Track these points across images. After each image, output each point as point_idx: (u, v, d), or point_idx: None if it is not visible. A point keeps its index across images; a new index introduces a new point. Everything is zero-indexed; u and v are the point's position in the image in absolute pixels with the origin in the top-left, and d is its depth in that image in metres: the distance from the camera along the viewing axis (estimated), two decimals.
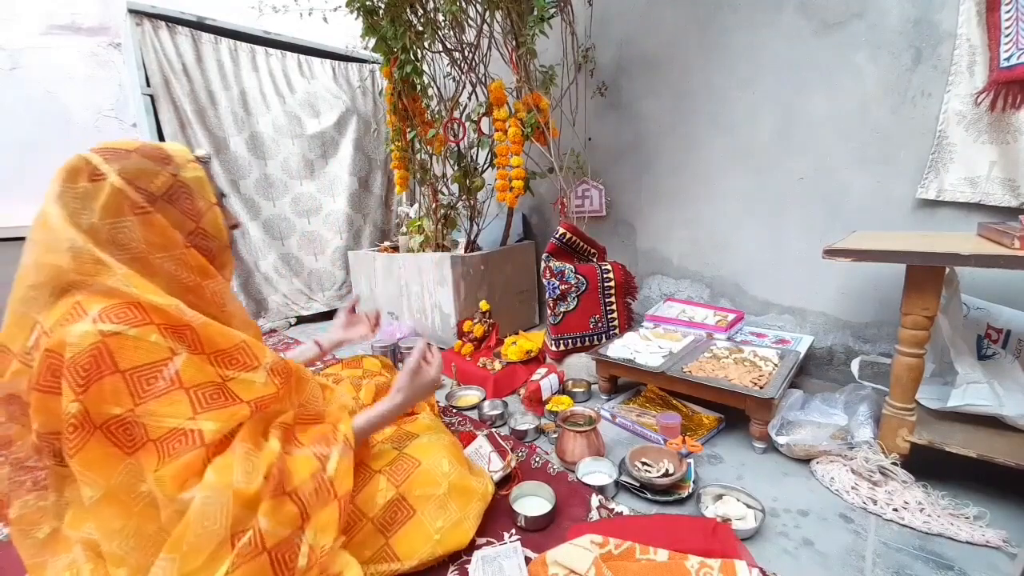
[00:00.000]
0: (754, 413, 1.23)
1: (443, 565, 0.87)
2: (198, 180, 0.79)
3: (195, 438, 0.67)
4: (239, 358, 0.77)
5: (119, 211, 0.70)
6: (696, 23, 1.77)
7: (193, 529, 0.63)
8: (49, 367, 0.63)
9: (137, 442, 0.65)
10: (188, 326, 0.72)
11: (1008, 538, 0.88)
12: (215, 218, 0.81)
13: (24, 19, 2.39)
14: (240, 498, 0.66)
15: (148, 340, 0.67)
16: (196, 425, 0.68)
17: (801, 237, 1.64)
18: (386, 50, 1.87)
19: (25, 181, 2.43)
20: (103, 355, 0.63)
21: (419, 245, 2.37)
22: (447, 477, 0.89)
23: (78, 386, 0.62)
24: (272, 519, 0.68)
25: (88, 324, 0.64)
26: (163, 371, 0.67)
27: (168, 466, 0.65)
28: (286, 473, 0.73)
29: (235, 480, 0.67)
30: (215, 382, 0.72)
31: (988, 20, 1.19)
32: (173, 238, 0.74)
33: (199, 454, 0.67)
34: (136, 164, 0.72)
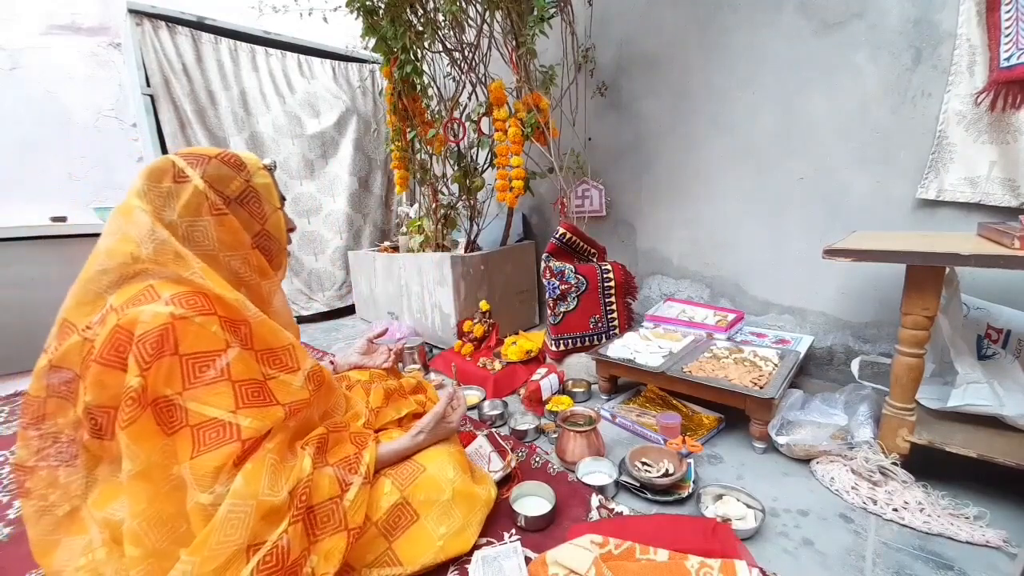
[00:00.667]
0: (754, 413, 1.23)
1: (443, 566, 0.87)
2: (266, 186, 0.86)
3: (233, 432, 0.71)
4: (283, 359, 0.82)
5: (198, 211, 0.77)
6: (696, 23, 1.77)
7: (216, 536, 0.66)
8: (115, 342, 0.68)
9: (176, 425, 0.69)
10: (246, 322, 0.77)
11: (1008, 538, 0.88)
12: (278, 221, 0.88)
13: (24, 19, 2.39)
14: (262, 509, 0.69)
15: (209, 330, 0.71)
16: (236, 419, 0.71)
17: (801, 237, 1.64)
18: (386, 50, 1.87)
19: (25, 181, 2.43)
20: (168, 336, 0.68)
21: (419, 245, 2.37)
22: (452, 484, 0.89)
23: (144, 362, 0.66)
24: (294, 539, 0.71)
25: (161, 306, 0.69)
26: (216, 361, 0.71)
27: (206, 455, 0.68)
28: (313, 488, 0.76)
29: (261, 491, 0.69)
30: (257, 379, 0.76)
31: (988, 20, 1.19)
32: (242, 239, 0.82)
33: (235, 448, 0.70)
34: (216, 169, 0.80)
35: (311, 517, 0.75)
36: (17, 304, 2.12)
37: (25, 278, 2.14)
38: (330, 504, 0.77)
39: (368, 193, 3.07)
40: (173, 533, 0.68)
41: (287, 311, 0.95)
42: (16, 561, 0.97)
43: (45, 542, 0.75)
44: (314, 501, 0.76)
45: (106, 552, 0.72)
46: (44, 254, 2.16)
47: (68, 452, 0.76)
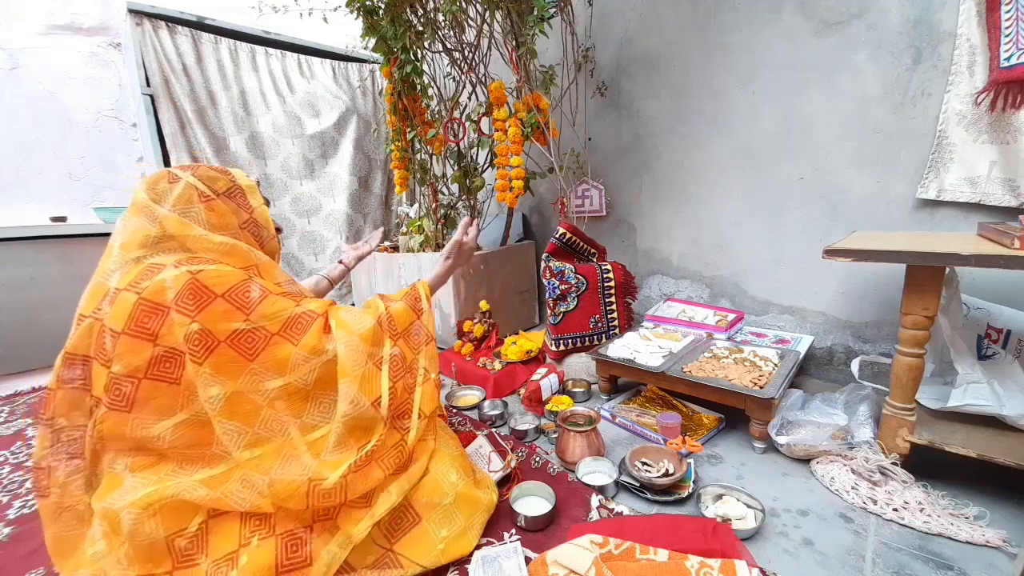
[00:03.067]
0: (754, 413, 1.23)
1: (443, 567, 0.87)
2: (250, 187, 0.97)
3: (310, 315, 0.86)
4: (293, 290, 0.93)
5: (189, 200, 0.86)
6: (696, 23, 1.77)
7: (348, 365, 0.84)
8: (142, 314, 0.74)
9: (261, 343, 0.80)
10: (253, 265, 0.89)
11: (1008, 538, 0.88)
12: (264, 212, 0.98)
13: (24, 19, 2.39)
14: (365, 338, 0.88)
15: (226, 271, 0.81)
16: (304, 307, 0.86)
17: (801, 237, 1.64)
18: (386, 50, 1.87)
19: (25, 181, 2.44)
20: (200, 286, 0.77)
21: (419, 245, 2.37)
22: (454, 487, 0.90)
23: (192, 310, 0.75)
24: (404, 349, 0.95)
25: (173, 270, 0.77)
26: (250, 287, 0.82)
27: (305, 337, 0.83)
28: (394, 319, 0.96)
29: (354, 328, 0.88)
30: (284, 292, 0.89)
31: (988, 20, 1.19)
32: (231, 221, 0.90)
33: (320, 323, 0.86)
34: (204, 172, 0.91)
35: (407, 336, 0.97)
36: (17, 304, 2.12)
37: (25, 278, 2.14)
38: (416, 325, 0.99)
39: (368, 193, 3.07)
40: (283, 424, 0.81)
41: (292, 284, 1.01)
42: (16, 561, 0.97)
43: (67, 538, 0.77)
44: (401, 326, 0.96)
45: (106, 544, 0.73)
46: (44, 254, 2.16)
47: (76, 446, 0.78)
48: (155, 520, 0.71)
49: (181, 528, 0.73)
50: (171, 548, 0.72)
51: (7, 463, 1.36)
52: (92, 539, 0.74)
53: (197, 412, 0.77)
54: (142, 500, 0.71)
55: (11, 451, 1.42)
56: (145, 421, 0.74)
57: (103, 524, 0.73)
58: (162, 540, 0.72)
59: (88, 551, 0.74)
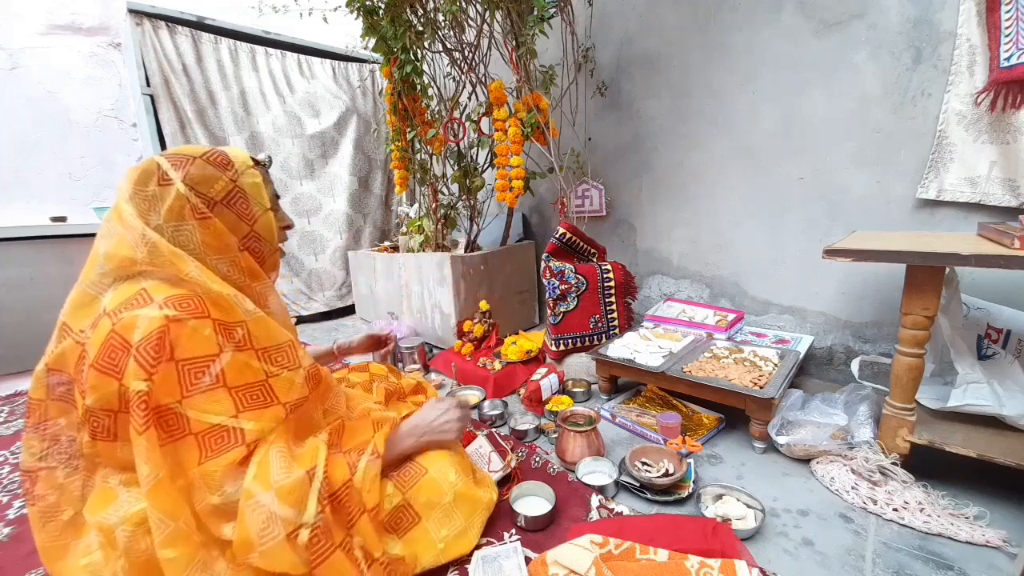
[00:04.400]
0: (754, 413, 1.23)
1: (443, 567, 0.87)
2: (255, 186, 0.84)
3: (237, 436, 0.71)
4: (285, 356, 0.81)
5: (181, 215, 0.75)
6: (696, 23, 1.77)
7: (254, 535, 0.68)
8: (109, 348, 0.67)
9: (179, 432, 0.69)
10: (242, 323, 0.76)
11: (1008, 538, 0.88)
12: (268, 222, 0.86)
13: (24, 19, 2.39)
14: (282, 495, 0.69)
15: (203, 334, 0.70)
16: (239, 423, 0.72)
17: (801, 237, 1.64)
18: (386, 50, 1.87)
19: (25, 181, 2.44)
20: (164, 340, 0.67)
21: (419, 245, 2.37)
22: (454, 487, 0.89)
23: (149, 366, 0.66)
24: (334, 520, 0.73)
25: (155, 309, 0.68)
26: (210, 367, 0.71)
27: (213, 461, 0.69)
28: (331, 477, 0.76)
29: (274, 478, 0.70)
30: (259, 380, 0.76)
31: (988, 20, 1.19)
32: (228, 242, 0.80)
33: (240, 452, 0.71)
34: (199, 170, 0.77)
35: (336, 504, 0.75)
36: (17, 304, 2.12)
37: (25, 278, 2.14)
38: (346, 489, 0.77)
39: (368, 193, 3.07)
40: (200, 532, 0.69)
41: (284, 312, 0.93)
42: (16, 561, 0.97)
43: (53, 547, 0.75)
44: (335, 489, 0.76)
45: (102, 555, 0.71)
46: (44, 254, 2.16)
47: (68, 453, 0.76)
48: (150, 537, 0.68)
49: None
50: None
51: (7, 463, 1.36)
52: (88, 549, 0.73)
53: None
54: (135, 516, 0.69)
55: (11, 451, 1.42)
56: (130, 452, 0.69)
57: (99, 536, 0.72)
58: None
59: (82, 560, 0.72)
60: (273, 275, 0.91)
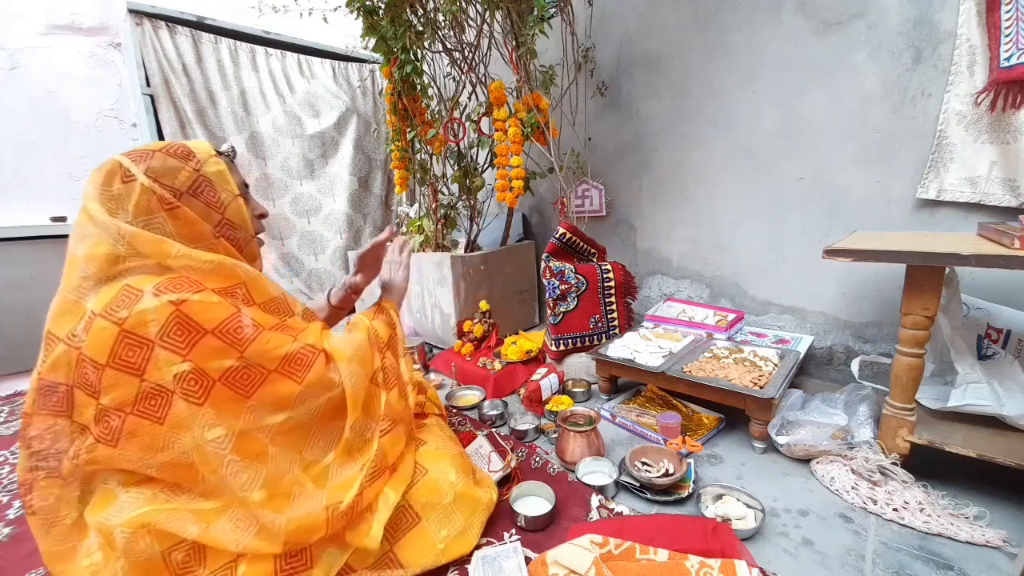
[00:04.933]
0: (754, 413, 1.23)
1: (443, 567, 0.87)
2: (219, 174, 0.83)
3: (310, 352, 0.81)
4: (282, 306, 0.87)
5: (149, 209, 0.75)
6: (696, 23, 1.77)
7: (353, 396, 0.84)
8: (126, 347, 0.68)
9: (258, 381, 0.75)
10: (241, 284, 0.80)
11: (1008, 538, 0.88)
12: (239, 208, 0.86)
13: (24, 19, 2.39)
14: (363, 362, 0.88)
15: (212, 301, 0.73)
16: (300, 344, 0.81)
17: (801, 237, 1.64)
18: (386, 50, 1.87)
19: (25, 181, 2.44)
20: (186, 320, 0.70)
21: (419, 245, 2.37)
22: (453, 487, 0.90)
23: (182, 347, 0.69)
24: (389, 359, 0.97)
25: (152, 300, 0.69)
26: (242, 322, 0.75)
27: (311, 372, 0.80)
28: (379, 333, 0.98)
29: (352, 354, 0.87)
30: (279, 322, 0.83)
31: (988, 20, 1.19)
32: (202, 230, 0.80)
33: (322, 358, 0.83)
34: (160, 162, 0.77)
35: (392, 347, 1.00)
36: (17, 304, 2.12)
37: (25, 278, 2.14)
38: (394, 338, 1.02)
39: (368, 193, 3.07)
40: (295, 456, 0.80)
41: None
42: (16, 561, 0.97)
43: (60, 551, 0.74)
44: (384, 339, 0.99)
45: (103, 556, 0.71)
46: (44, 254, 2.16)
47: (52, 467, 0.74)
48: (149, 537, 0.69)
49: (177, 541, 0.71)
50: (168, 562, 0.70)
51: (7, 463, 1.36)
52: (88, 550, 0.73)
53: (180, 454, 0.71)
54: (135, 519, 0.69)
55: (11, 451, 1.42)
56: (131, 457, 0.71)
57: (99, 537, 0.72)
58: (158, 555, 0.70)
59: (84, 561, 0.72)
60: (256, 264, 0.90)
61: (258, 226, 0.92)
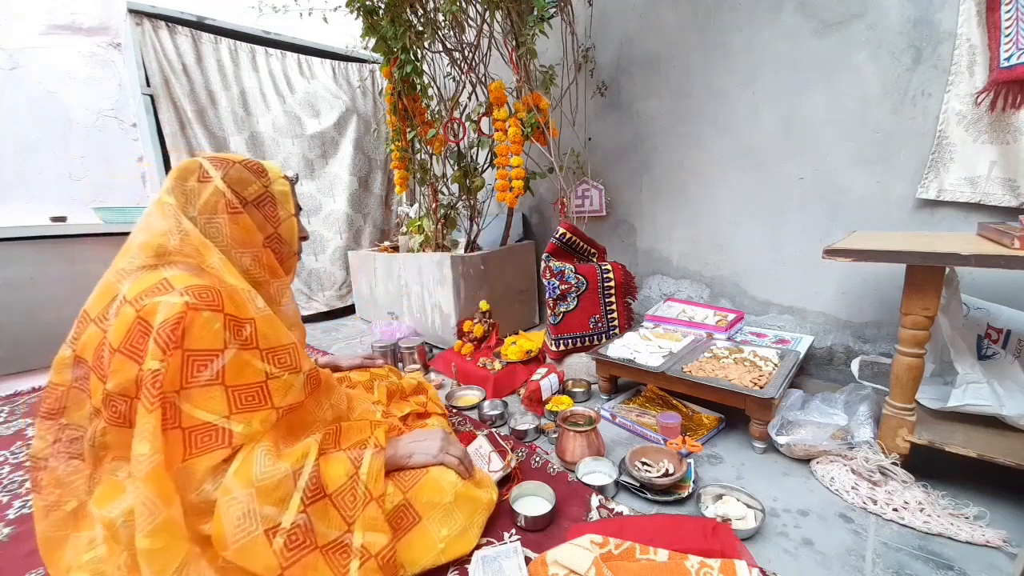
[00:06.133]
0: (754, 413, 1.23)
1: (443, 567, 0.87)
2: (283, 193, 0.93)
3: (224, 437, 0.73)
4: (287, 358, 0.84)
5: (215, 209, 0.83)
6: (696, 23, 1.77)
7: (229, 529, 0.68)
8: (136, 333, 0.70)
9: (168, 423, 0.70)
10: (251, 320, 0.79)
11: (1008, 538, 0.88)
12: (291, 226, 0.94)
13: (24, 19, 2.39)
14: (263, 494, 0.70)
15: (213, 327, 0.73)
16: (228, 425, 0.73)
17: (801, 237, 1.64)
18: (386, 50, 1.87)
19: (25, 181, 2.44)
20: (184, 326, 0.70)
21: (419, 245, 2.37)
22: (454, 487, 0.90)
23: (166, 348, 0.69)
24: (320, 521, 0.74)
25: (176, 296, 0.71)
26: (212, 363, 0.73)
27: (197, 459, 0.71)
28: (323, 477, 0.77)
29: (255, 476, 0.71)
30: (258, 380, 0.78)
31: (988, 20, 1.19)
32: (255, 238, 0.87)
33: (225, 453, 0.72)
34: (237, 173, 0.86)
35: (340, 500, 0.77)
36: (17, 304, 2.12)
37: (25, 278, 2.14)
38: (350, 483, 0.79)
39: (368, 193, 3.07)
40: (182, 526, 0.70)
41: (295, 312, 0.98)
42: (16, 561, 0.97)
43: (53, 538, 0.76)
44: (331, 489, 0.77)
45: (107, 549, 0.72)
46: (44, 254, 2.16)
47: (76, 447, 0.77)
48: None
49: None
50: None
51: (7, 463, 1.36)
52: (92, 544, 0.73)
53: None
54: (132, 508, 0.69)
55: (11, 451, 1.42)
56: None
57: (103, 531, 0.72)
58: None
59: (84, 556, 0.72)
60: (289, 277, 0.97)
61: (299, 246, 0.99)
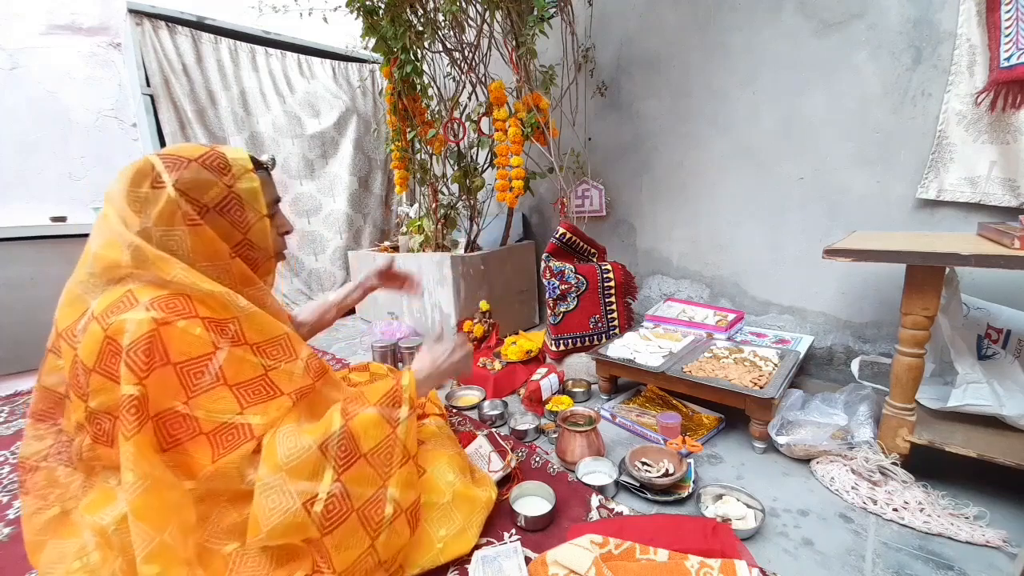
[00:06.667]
0: (754, 413, 1.22)
1: (443, 567, 0.87)
2: (251, 192, 0.81)
3: (245, 431, 0.72)
4: (280, 349, 0.81)
5: (172, 220, 0.73)
6: (696, 23, 1.77)
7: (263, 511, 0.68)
8: (108, 353, 0.67)
9: (187, 434, 0.69)
10: (235, 318, 0.76)
11: (1008, 538, 0.88)
12: (263, 229, 0.84)
13: (24, 19, 2.39)
14: (293, 472, 0.70)
15: (193, 333, 0.70)
16: (245, 419, 0.72)
17: (801, 237, 1.64)
18: (386, 50, 1.87)
19: (25, 181, 2.44)
20: (157, 343, 0.67)
21: (419, 245, 2.37)
22: (452, 487, 0.89)
23: (140, 371, 0.65)
24: (356, 485, 0.74)
25: (142, 312, 0.67)
26: (208, 366, 0.71)
27: (227, 457, 0.70)
28: (356, 437, 0.76)
29: (281, 459, 0.70)
30: (258, 374, 0.76)
31: (988, 20, 1.19)
32: (219, 249, 0.77)
33: (251, 446, 0.72)
34: (193, 174, 0.75)
35: (375, 458, 0.77)
36: (17, 304, 2.12)
37: (25, 278, 2.14)
38: (387, 443, 0.79)
39: (368, 193, 3.07)
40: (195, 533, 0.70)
41: (281, 313, 0.92)
42: (16, 561, 0.97)
43: (33, 541, 0.76)
44: (366, 448, 0.76)
45: (100, 556, 0.71)
46: (44, 254, 2.16)
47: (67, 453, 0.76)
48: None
49: None
50: None
51: (7, 463, 1.36)
52: (83, 551, 0.72)
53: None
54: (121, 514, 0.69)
55: (11, 451, 1.42)
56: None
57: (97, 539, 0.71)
58: None
59: (74, 564, 0.72)
60: (268, 280, 0.89)
61: (281, 243, 0.90)
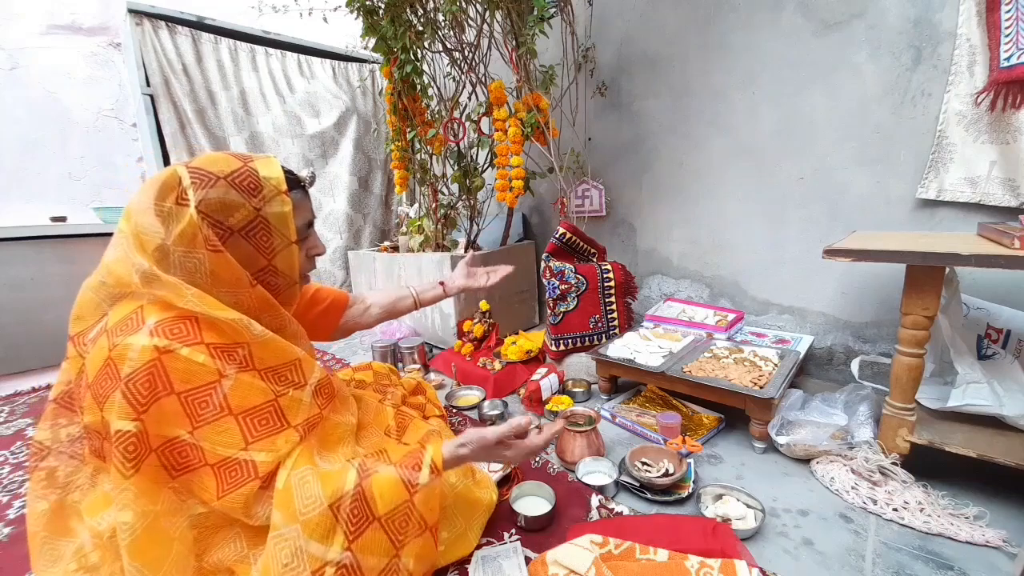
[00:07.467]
0: (754, 413, 1.23)
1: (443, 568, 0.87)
2: (281, 216, 0.76)
3: (250, 469, 0.68)
4: (289, 376, 0.77)
5: (192, 243, 0.69)
6: (696, 23, 1.77)
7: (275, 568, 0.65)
8: (105, 375, 0.65)
9: (194, 464, 0.67)
10: (243, 343, 0.72)
11: (1008, 538, 0.88)
12: (289, 256, 0.79)
13: (24, 19, 2.39)
14: (308, 528, 0.66)
15: (197, 361, 0.66)
16: (249, 456, 0.69)
17: (801, 237, 1.64)
18: (386, 50, 1.87)
19: (25, 181, 2.43)
20: (159, 374, 0.64)
21: (419, 245, 2.37)
22: (453, 489, 0.89)
23: (140, 404, 0.63)
24: (367, 555, 0.68)
25: (144, 337, 0.64)
26: (212, 395, 0.67)
27: (231, 495, 0.67)
28: (370, 500, 0.70)
29: (297, 509, 0.66)
30: (267, 400, 0.73)
31: (988, 20, 1.19)
32: (239, 276, 0.73)
33: (255, 484, 0.68)
34: (220, 194, 0.70)
35: (390, 523, 0.71)
36: (17, 304, 2.12)
37: (25, 278, 2.13)
38: (404, 508, 0.72)
39: (368, 193, 3.07)
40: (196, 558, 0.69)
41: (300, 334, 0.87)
42: (16, 561, 0.97)
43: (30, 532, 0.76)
44: (382, 512, 0.70)
45: (99, 556, 0.71)
46: (44, 254, 2.16)
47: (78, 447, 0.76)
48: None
49: None
50: None
51: (7, 463, 1.36)
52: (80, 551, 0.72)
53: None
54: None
55: (11, 451, 1.42)
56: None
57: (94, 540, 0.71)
58: None
59: (71, 566, 0.72)
60: (288, 307, 0.84)
61: (308, 266, 0.87)
